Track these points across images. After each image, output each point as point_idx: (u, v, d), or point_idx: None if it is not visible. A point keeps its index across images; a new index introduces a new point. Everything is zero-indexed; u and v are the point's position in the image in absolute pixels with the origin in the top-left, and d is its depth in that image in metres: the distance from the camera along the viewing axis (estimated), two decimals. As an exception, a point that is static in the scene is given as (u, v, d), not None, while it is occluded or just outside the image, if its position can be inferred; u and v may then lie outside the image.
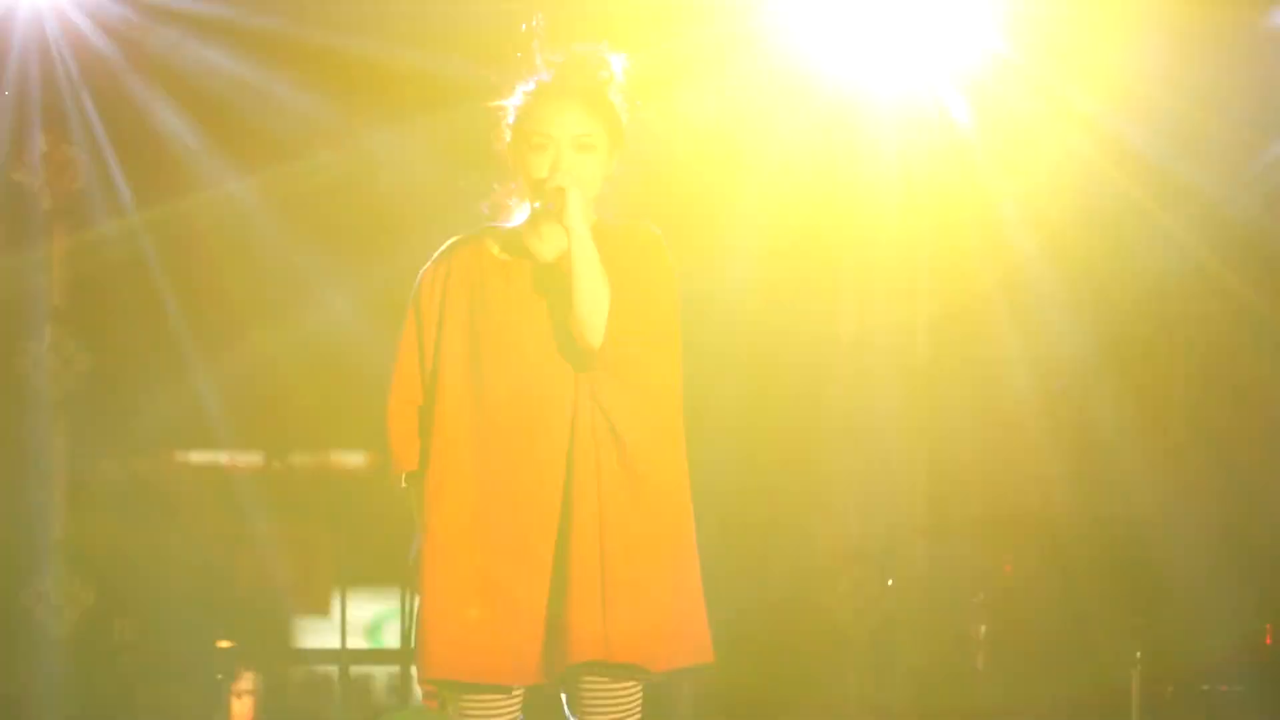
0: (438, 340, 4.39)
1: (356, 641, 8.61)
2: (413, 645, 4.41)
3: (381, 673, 9.05)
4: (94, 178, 8.35)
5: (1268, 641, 7.18)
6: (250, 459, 9.01)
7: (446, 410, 4.35)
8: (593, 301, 4.23)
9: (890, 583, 8.15)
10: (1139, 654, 7.04)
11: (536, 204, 4.29)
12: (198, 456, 9.17)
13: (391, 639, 8.76)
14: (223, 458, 9.16)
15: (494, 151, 4.45)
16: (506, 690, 4.36)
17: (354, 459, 9.21)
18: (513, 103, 4.40)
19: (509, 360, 4.32)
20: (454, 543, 4.32)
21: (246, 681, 8.27)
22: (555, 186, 4.27)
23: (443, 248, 4.48)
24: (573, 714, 4.38)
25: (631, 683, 4.33)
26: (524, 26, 4.41)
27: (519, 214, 4.46)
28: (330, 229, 8.68)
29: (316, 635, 9.06)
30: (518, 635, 4.28)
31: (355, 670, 8.38)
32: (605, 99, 4.37)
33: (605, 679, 4.31)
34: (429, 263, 4.47)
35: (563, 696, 4.40)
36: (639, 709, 4.37)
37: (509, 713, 4.40)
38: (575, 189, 4.26)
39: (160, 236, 8.58)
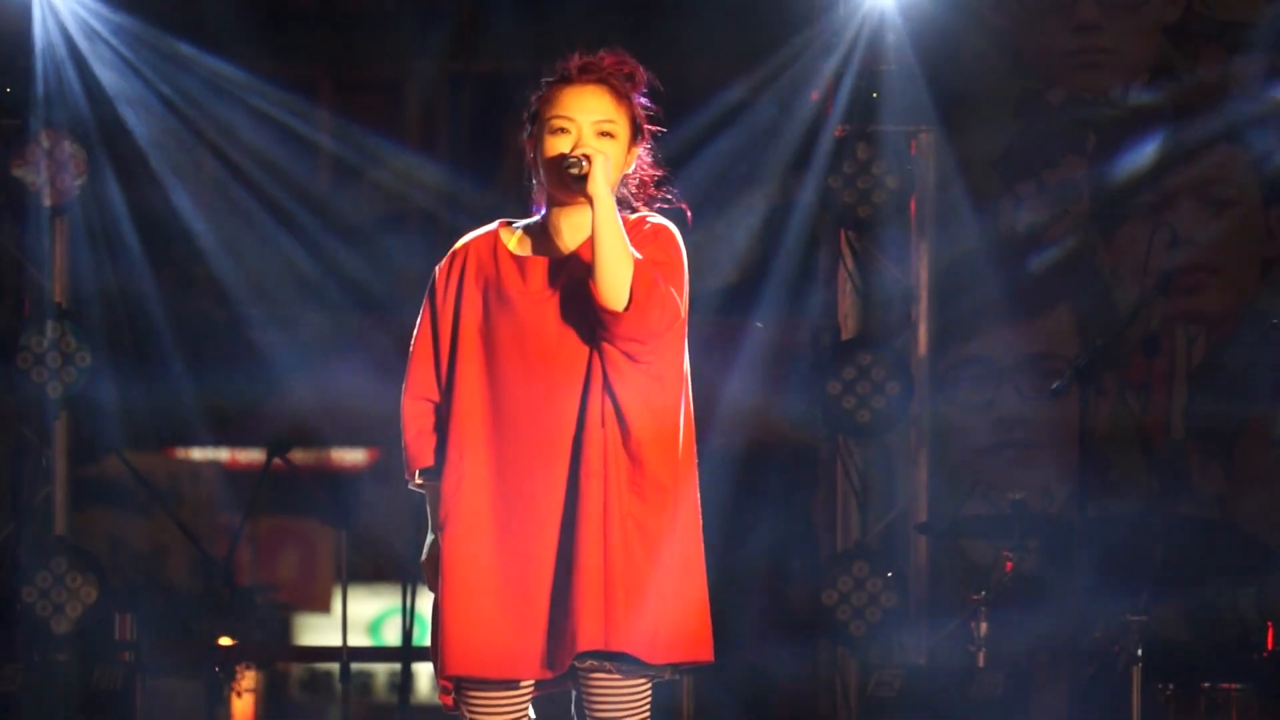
0: (453, 336, 4.38)
1: (358, 639, 8.60)
2: (429, 643, 4.40)
3: (382, 670, 9.05)
4: (96, 176, 8.34)
5: (1269, 641, 7.18)
6: (251, 456, 9.01)
7: (463, 406, 4.34)
8: (616, 263, 4.21)
9: (890, 575, 8.16)
10: (1139, 654, 7.04)
11: (570, 167, 4.25)
12: (199, 454, 9.17)
13: (392, 637, 8.75)
14: (224, 455, 9.16)
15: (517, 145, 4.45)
16: (515, 685, 4.36)
17: (355, 456, 9.21)
18: (537, 95, 4.40)
19: (524, 355, 4.31)
20: (473, 540, 4.31)
21: (247, 679, 8.26)
22: (581, 152, 4.27)
23: (457, 243, 4.48)
24: (582, 713, 4.37)
25: (640, 680, 4.33)
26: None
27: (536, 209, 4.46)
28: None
29: (317, 633, 9.05)
30: (532, 629, 4.28)
31: (356, 668, 8.37)
32: (628, 95, 4.37)
33: (614, 676, 4.31)
34: (443, 258, 4.46)
35: (573, 694, 4.40)
36: (647, 708, 4.36)
37: (518, 708, 4.40)
38: (601, 156, 4.26)
39: (160, 232, 8.58)
